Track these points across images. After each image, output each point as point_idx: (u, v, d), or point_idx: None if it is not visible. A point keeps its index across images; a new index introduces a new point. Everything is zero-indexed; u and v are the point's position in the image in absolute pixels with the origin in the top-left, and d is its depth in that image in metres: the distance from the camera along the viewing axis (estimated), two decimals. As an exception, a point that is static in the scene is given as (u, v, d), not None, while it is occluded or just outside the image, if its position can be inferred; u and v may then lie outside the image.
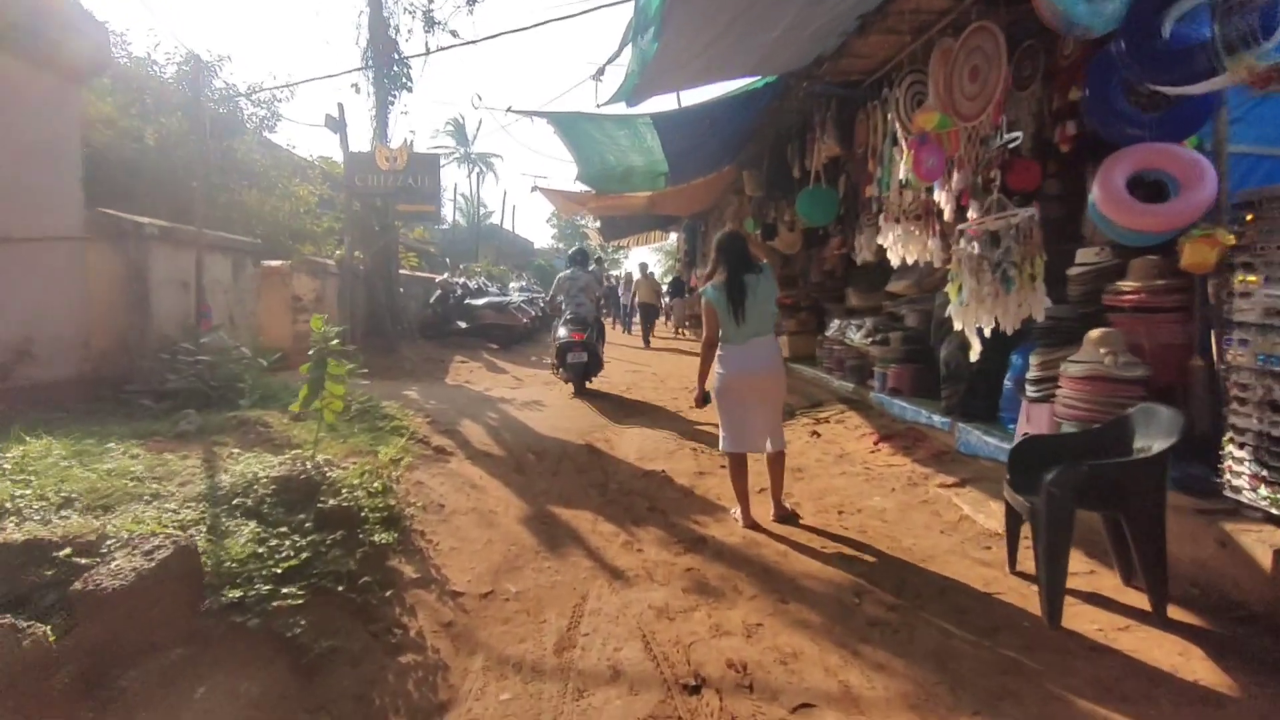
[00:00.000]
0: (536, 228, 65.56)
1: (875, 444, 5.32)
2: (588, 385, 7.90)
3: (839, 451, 5.32)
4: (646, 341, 14.71)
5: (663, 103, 7.28)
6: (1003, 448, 4.36)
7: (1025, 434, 4.15)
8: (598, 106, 6.59)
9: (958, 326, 3.92)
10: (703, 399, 4.00)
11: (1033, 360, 4.10)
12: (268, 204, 10.85)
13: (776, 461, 3.94)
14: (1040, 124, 4.30)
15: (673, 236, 28.12)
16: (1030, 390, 4.10)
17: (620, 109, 6.46)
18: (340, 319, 9.43)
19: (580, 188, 10.62)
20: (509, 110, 6.87)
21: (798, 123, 7.66)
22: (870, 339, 7.03)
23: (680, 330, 19.35)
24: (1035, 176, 3.73)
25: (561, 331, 7.76)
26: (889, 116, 5.46)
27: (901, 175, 4.96)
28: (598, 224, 21.72)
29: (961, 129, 4.00)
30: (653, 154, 7.94)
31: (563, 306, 8.08)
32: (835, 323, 8.02)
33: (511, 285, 21.12)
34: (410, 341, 11.11)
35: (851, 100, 6.37)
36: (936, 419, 5.18)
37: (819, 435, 5.82)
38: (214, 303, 6.34)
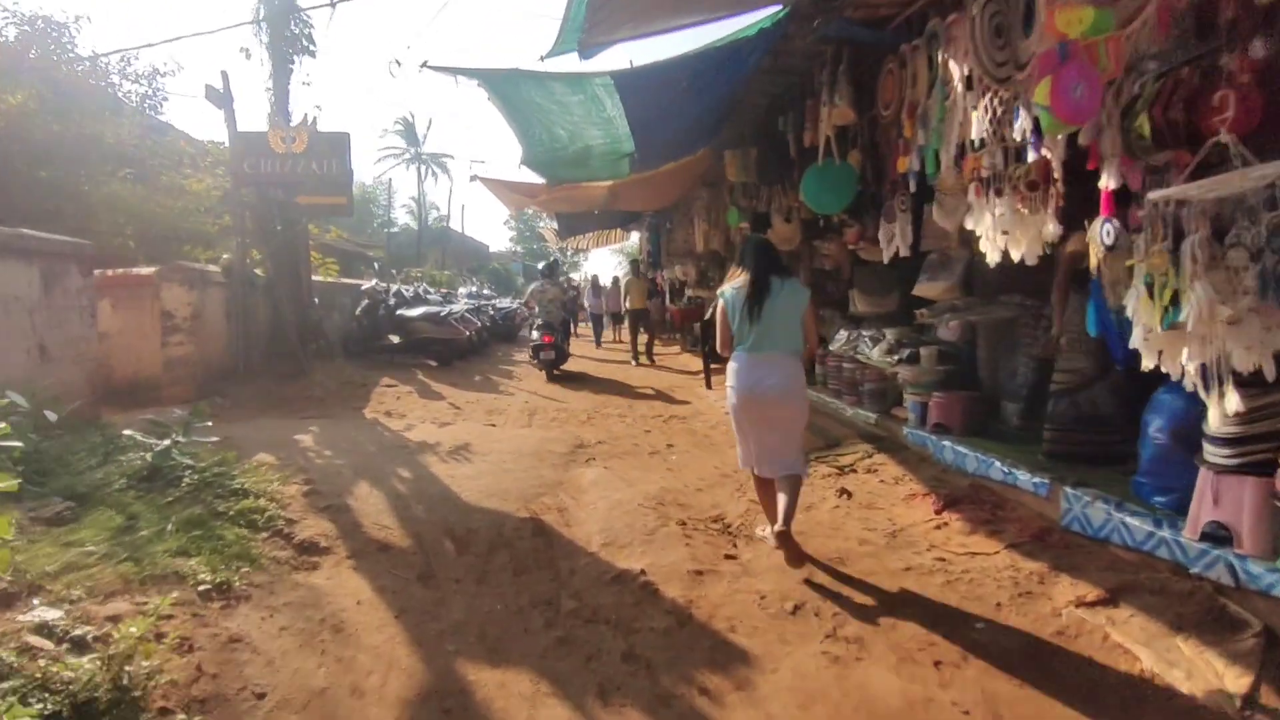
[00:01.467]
0: (493, 230, 63.41)
1: (937, 512, 3.81)
2: (555, 372, 9.88)
3: (888, 525, 3.79)
4: (636, 357, 11.66)
5: (625, 60, 5.69)
6: (1157, 534, 2.87)
7: (1212, 521, 2.67)
8: (541, 59, 4.99)
9: (1150, 362, 2.41)
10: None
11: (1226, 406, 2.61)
12: (153, 200, 8.97)
13: (786, 487, 3.32)
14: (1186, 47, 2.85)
15: (634, 236, 26.55)
16: (1218, 454, 2.61)
17: (571, 63, 4.87)
18: (230, 338, 7.60)
19: (530, 176, 8.97)
20: (423, 68, 5.19)
21: (795, 87, 6.16)
22: (894, 356, 5.55)
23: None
24: (1256, 110, 2.24)
25: (535, 335, 9.98)
26: (940, 57, 3.96)
27: (975, 133, 3.47)
28: (555, 224, 20.08)
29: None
30: (614, 127, 6.35)
31: (536, 312, 10.28)
32: (842, 334, 6.53)
33: (460, 291, 19.33)
34: (329, 362, 9.30)
35: (875, 48, 4.88)
36: (1022, 476, 3.68)
37: (849, 495, 4.28)
38: (8, 328, 4.53)
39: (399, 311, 10.50)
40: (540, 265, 12.02)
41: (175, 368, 6.93)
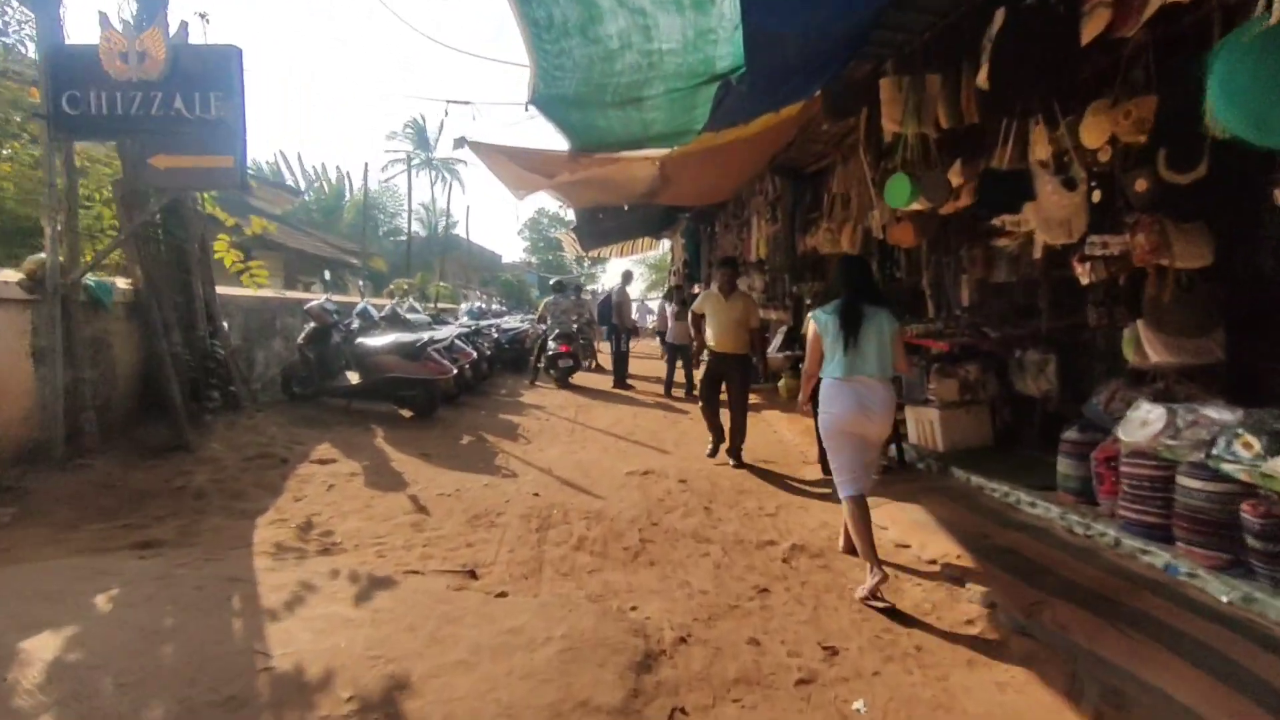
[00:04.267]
0: (505, 239, 60.70)
1: None
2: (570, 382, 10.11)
3: None
4: (738, 453, 5.87)
5: None
6: None
7: None
8: None
9: None
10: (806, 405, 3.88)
11: None
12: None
13: None
14: None
15: (664, 245, 23.48)
16: None
17: None
18: (40, 394, 4.56)
19: (545, 139, 5.92)
20: None
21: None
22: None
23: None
24: None
25: (551, 344, 10.29)
26: None
27: None
28: (572, 230, 17.10)
29: None
30: (702, 12, 3.26)
31: (550, 324, 10.68)
32: (1151, 413, 3.35)
33: (463, 308, 16.31)
34: (245, 418, 6.24)
35: None
36: None
37: None
38: None
39: (359, 340, 7.46)
40: (552, 280, 12.47)
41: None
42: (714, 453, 6.15)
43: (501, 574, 3.56)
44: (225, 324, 6.27)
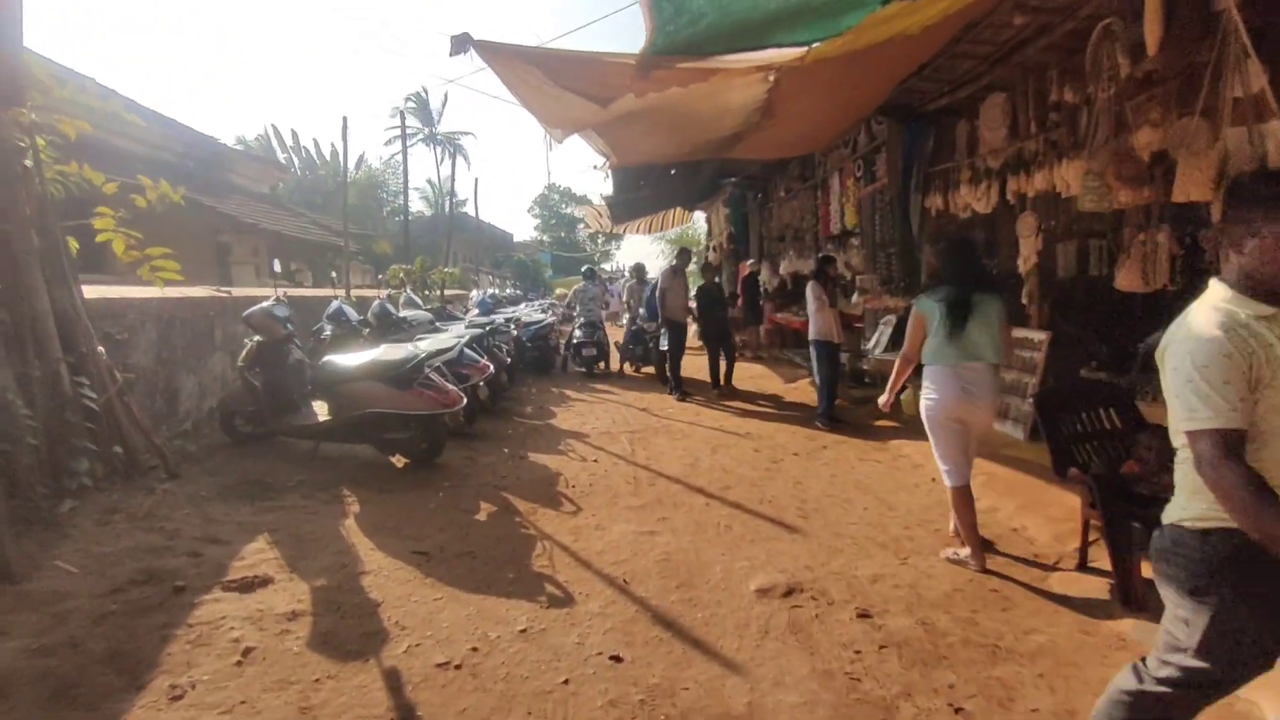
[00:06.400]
0: (517, 218, 58.30)
1: None
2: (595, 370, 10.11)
3: None
4: None
5: None
6: None
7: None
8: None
9: None
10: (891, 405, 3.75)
11: None
12: None
13: None
14: None
15: (697, 218, 20.96)
16: None
17: None
18: None
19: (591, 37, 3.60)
20: None
21: None
22: None
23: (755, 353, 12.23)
24: None
25: (578, 333, 10.21)
26: None
27: None
28: (604, 200, 14.77)
29: None
30: None
31: (578, 312, 10.91)
32: None
33: (473, 296, 14.06)
34: (141, 490, 4.02)
35: None
36: None
37: None
38: None
39: (328, 359, 5.18)
40: (583, 268, 13.05)
41: None
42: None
43: None
44: (103, 349, 3.99)
